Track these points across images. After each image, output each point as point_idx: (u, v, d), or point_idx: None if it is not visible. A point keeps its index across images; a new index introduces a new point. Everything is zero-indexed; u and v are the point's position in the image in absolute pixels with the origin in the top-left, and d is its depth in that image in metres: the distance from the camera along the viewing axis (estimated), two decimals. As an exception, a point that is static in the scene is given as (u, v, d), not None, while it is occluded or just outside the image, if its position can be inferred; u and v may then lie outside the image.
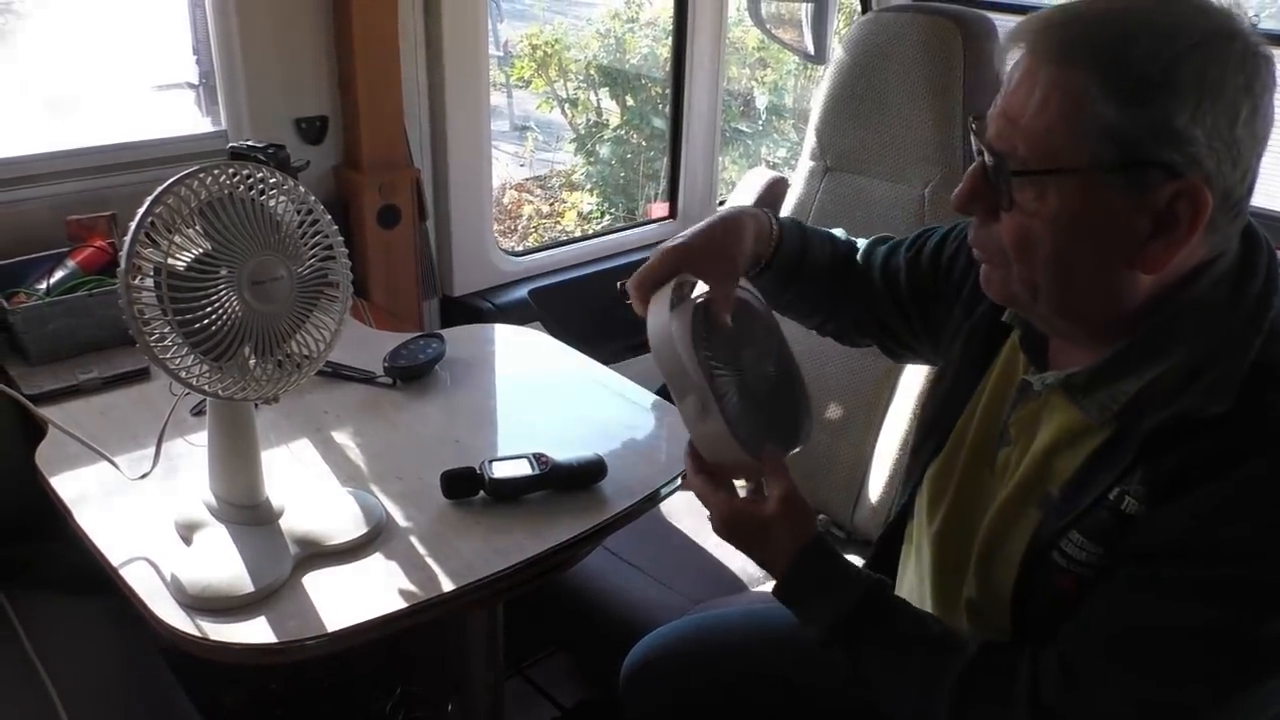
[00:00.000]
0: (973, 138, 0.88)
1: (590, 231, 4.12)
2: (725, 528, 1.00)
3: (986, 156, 0.84)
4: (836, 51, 1.84)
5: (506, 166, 4.92)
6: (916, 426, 1.13)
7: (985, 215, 0.86)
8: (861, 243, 1.21)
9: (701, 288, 1.04)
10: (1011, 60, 0.83)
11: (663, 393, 1.55)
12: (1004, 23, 1.71)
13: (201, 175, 0.91)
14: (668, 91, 2.47)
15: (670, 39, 2.35)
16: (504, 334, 1.55)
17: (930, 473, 1.05)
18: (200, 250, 0.92)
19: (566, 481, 1.13)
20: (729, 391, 0.99)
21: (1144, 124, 0.75)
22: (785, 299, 1.18)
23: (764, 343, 1.10)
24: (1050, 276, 0.83)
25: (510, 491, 1.11)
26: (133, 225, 0.88)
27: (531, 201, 4.80)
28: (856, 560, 1.31)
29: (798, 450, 1.06)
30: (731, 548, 1.72)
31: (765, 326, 1.11)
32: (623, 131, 4.58)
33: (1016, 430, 0.95)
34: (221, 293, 0.93)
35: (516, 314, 1.94)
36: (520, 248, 2.84)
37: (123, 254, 0.89)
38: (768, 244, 1.12)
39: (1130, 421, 0.84)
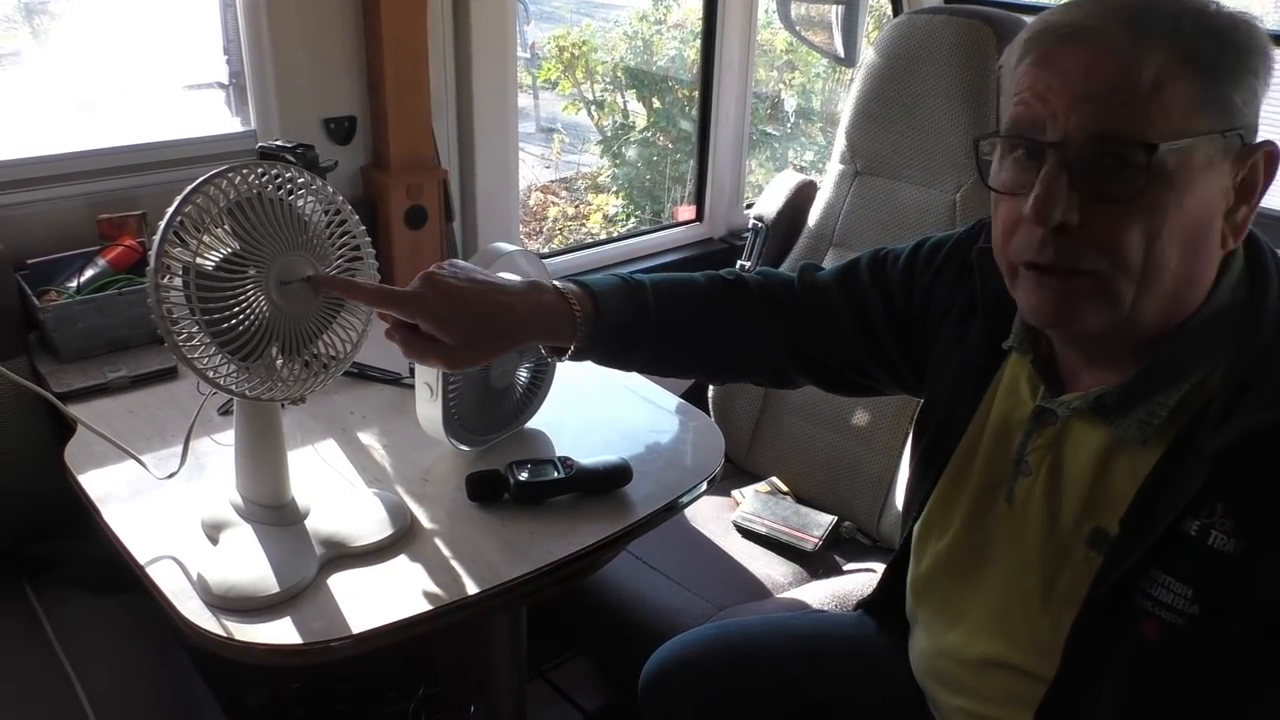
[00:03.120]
0: (993, 146, 0.83)
1: (616, 234, 4.12)
2: None
3: (1074, 152, 0.77)
4: (867, 54, 1.82)
5: (533, 168, 4.92)
6: (913, 463, 1.09)
7: (1071, 220, 0.78)
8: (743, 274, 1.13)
9: (513, 277, 1.08)
10: (1032, 57, 0.79)
11: (688, 396, 1.55)
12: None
13: (230, 175, 0.91)
14: (695, 94, 2.47)
15: (698, 41, 2.34)
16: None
17: (929, 509, 1.02)
18: (228, 250, 0.92)
19: (591, 485, 1.13)
20: (463, 384, 1.12)
21: (1238, 89, 0.78)
22: (638, 363, 1.11)
23: (532, 352, 1.20)
24: (1155, 269, 0.77)
25: (535, 495, 1.10)
26: (161, 224, 0.89)
27: (557, 204, 4.80)
28: (880, 566, 1.30)
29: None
30: (756, 554, 1.72)
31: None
32: (649, 134, 4.57)
33: (1036, 459, 0.91)
34: (249, 293, 0.93)
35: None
36: (546, 250, 2.83)
37: (151, 253, 0.89)
38: (567, 339, 1.03)
39: (1184, 439, 0.80)
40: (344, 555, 1.02)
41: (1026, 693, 0.89)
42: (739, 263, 2.01)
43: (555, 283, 1.05)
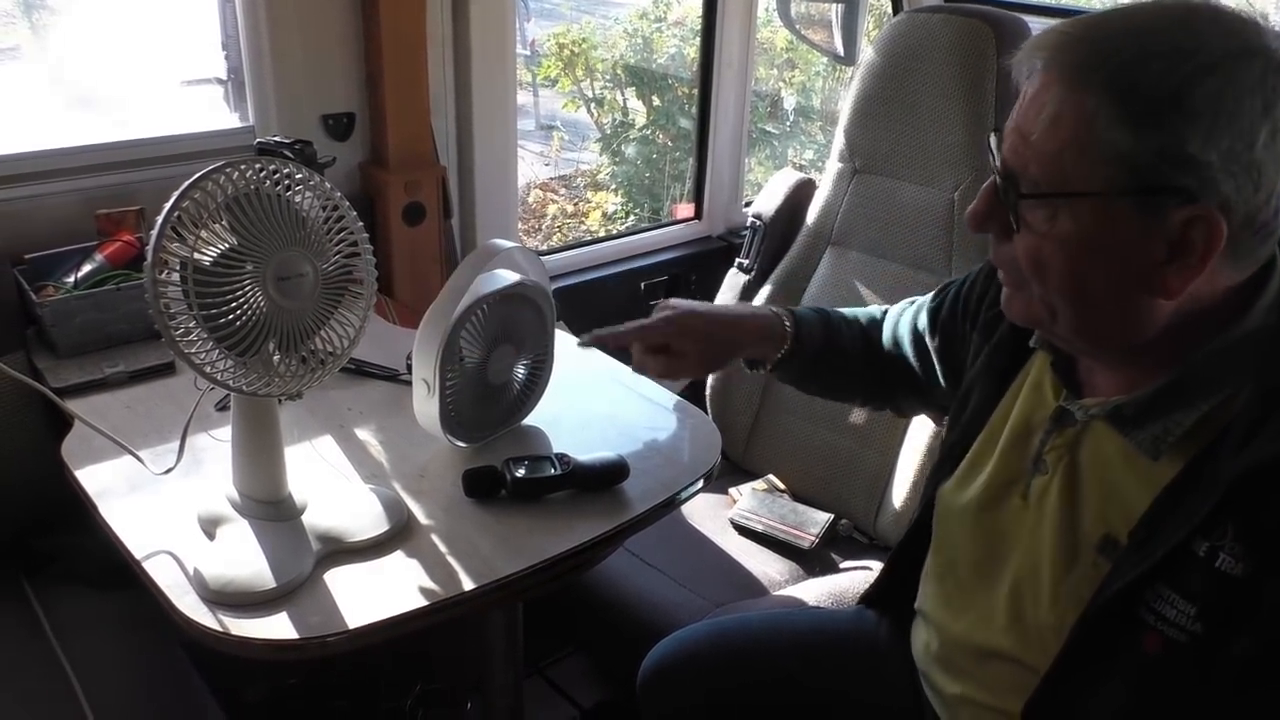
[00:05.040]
0: (991, 152, 0.86)
1: (614, 232, 4.12)
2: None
3: (998, 174, 0.83)
4: (867, 52, 1.83)
5: (531, 166, 4.92)
6: (941, 451, 1.11)
7: (1000, 233, 0.85)
8: (869, 313, 1.28)
9: (512, 275, 1.17)
10: (1027, 72, 0.82)
11: (686, 394, 1.55)
12: (1038, 25, 1.69)
13: (228, 170, 0.91)
14: (695, 92, 2.47)
15: (698, 39, 2.34)
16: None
17: (947, 499, 1.03)
18: (226, 245, 0.92)
19: (588, 482, 1.13)
20: (461, 380, 1.13)
21: (1155, 149, 0.74)
22: (810, 389, 1.30)
23: (530, 348, 1.21)
24: (1065, 299, 0.82)
25: (532, 491, 1.10)
26: (159, 220, 0.89)
27: (556, 201, 4.80)
28: (877, 564, 1.32)
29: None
30: (752, 551, 1.72)
31: (542, 336, 1.22)
32: (649, 131, 4.57)
33: (1054, 459, 0.92)
34: (246, 288, 0.93)
35: (540, 313, 1.94)
36: (544, 247, 2.84)
37: (149, 248, 0.89)
38: (777, 347, 1.20)
39: (1202, 459, 0.80)
40: (340, 551, 1.02)
41: (1027, 685, 0.90)
42: (737, 260, 2.01)
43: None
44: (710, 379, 1.97)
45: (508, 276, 1.17)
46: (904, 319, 1.22)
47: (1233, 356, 0.80)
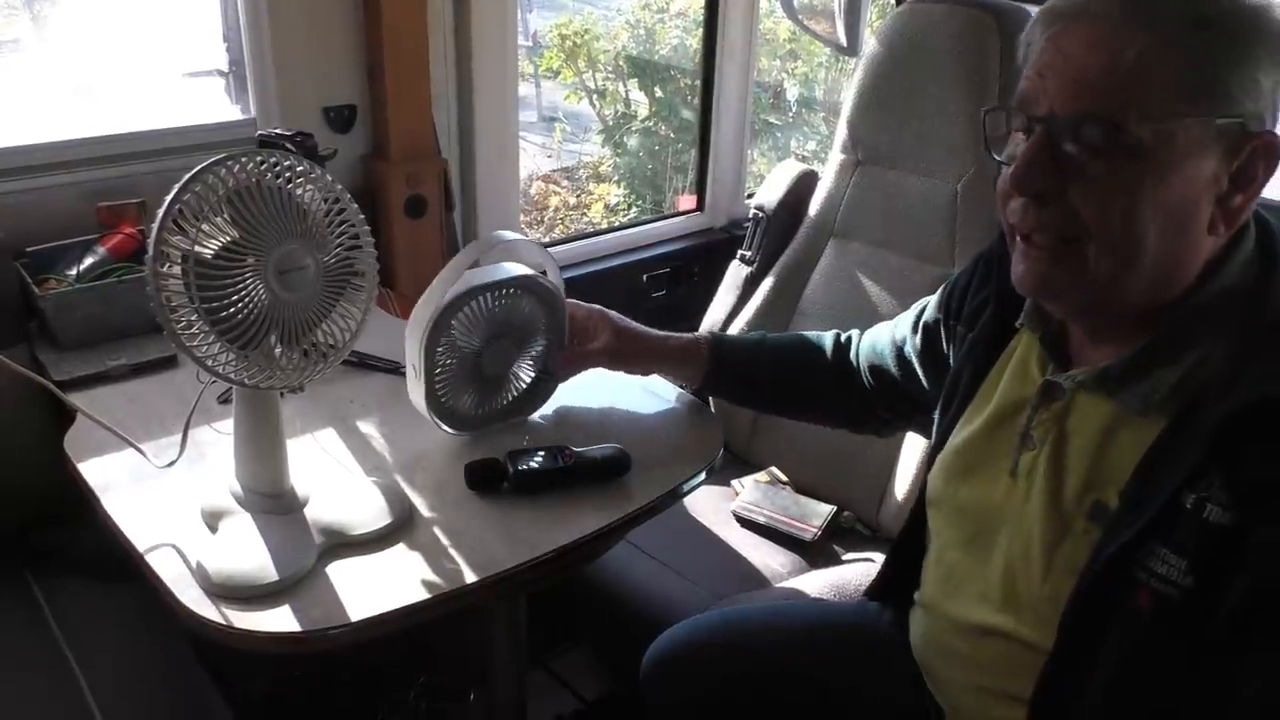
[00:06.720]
0: (998, 119, 0.87)
1: (617, 224, 4.11)
2: None
3: (1059, 126, 0.81)
4: (870, 43, 1.82)
5: (534, 158, 4.91)
6: (934, 439, 1.12)
7: (1051, 191, 0.82)
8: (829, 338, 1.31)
9: (520, 269, 1.19)
10: (1043, 35, 0.82)
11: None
12: (1041, 14, 1.69)
13: (229, 163, 0.91)
14: (697, 83, 2.46)
15: (701, 30, 2.34)
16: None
17: (937, 482, 1.04)
18: (228, 238, 0.91)
19: (590, 474, 1.13)
20: (456, 367, 1.14)
21: (1234, 77, 0.76)
22: (749, 404, 1.43)
23: (534, 349, 1.22)
24: (1132, 244, 0.80)
25: (534, 484, 1.10)
26: (160, 212, 0.88)
27: (558, 193, 4.79)
28: (879, 556, 1.32)
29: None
30: (755, 543, 1.73)
31: (552, 330, 1.22)
32: (651, 123, 4.56)
33: (1041, 433, 0.93)
34: (248, 281, 0.92)
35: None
36: (547, 239, 2.83)
37: (150, 241, 0.89)
38: (699, 367, 1.29)
39: (1186, 414, 0.81)
40: (343, 544, 1.02)
41: (1026, 664, 0.90)
42: (740, 252, 2.00)
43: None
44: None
45: (513, 269, 1.17)
46: (881, 334, 1.25)
47: (1210, 312, 0.83)
